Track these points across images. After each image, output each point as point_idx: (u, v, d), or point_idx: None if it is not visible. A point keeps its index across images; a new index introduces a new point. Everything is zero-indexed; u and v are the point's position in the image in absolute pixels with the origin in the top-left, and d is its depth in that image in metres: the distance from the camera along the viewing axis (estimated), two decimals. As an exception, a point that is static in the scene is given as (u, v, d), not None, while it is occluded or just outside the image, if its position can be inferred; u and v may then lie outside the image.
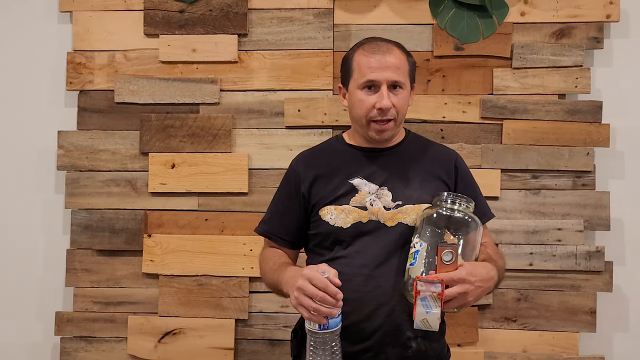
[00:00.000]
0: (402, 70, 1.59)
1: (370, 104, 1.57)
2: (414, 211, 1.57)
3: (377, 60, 1.56)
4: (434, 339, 1.61)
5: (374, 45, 1.60)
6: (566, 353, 2.30)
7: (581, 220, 2.30)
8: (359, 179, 1.62)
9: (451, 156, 1.72)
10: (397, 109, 1.59)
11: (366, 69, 1.57)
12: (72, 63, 2.42)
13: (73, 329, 2.39)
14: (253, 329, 2.36)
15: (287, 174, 1.73)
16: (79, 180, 2.41)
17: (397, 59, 1.58)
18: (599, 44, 2.33)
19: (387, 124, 1.60)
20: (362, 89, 1.58)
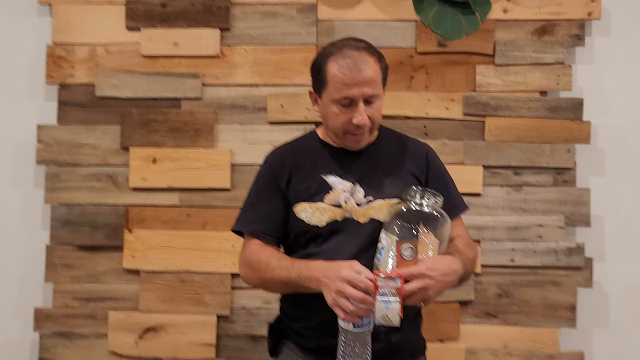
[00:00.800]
0: (376, 82, 1.56)
1: (347, 118, 1.56)
2: (385, 206, 1.57)
3: (353, 76, 1.53)
4: (409, 332, 1.61)
5: (348, 59, 1.54)
6: (547, 348, 2.31)
7: (562, 217, 2.32)
8: (333, 176, 1.61)
9: (422, 150, 1.71)
10: (373, 120, 1.58)
11: (342, 85, 1.54)
12: (52, 56, 2.39)
13: (52, 325, 2.36)
14: (235, 325, 2.35)
15: (264, 171, 1.70)
16: (59, 175, 2.38)
17: (372, 71, 1.55)
18: (580, 42, 2.34)
19: (364, 135, 1.60)
20: (338, 103, 1.56)
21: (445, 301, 2.31)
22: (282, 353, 1.66)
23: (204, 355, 2.33)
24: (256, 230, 1.65)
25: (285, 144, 1.76)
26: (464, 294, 2.30)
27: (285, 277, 1.53)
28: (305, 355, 1.61)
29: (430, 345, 2.27)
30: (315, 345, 1.59)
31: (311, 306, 1.56)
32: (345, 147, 1.65)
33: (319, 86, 1.60)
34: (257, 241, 1.64)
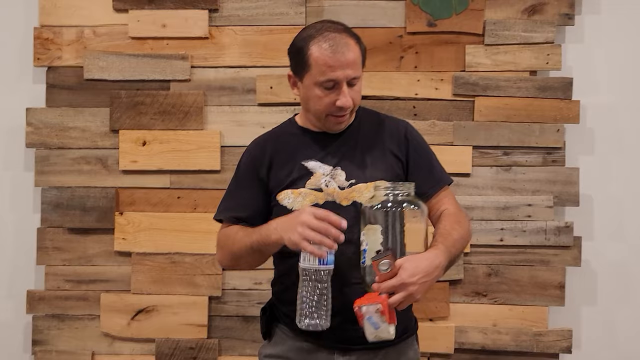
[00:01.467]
0: (357, 64, 1.57)
1: (331, 101, 1.56)
2: (367, 189, 1.58)
3: (336, 58, 1.53)
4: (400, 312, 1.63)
5: (331, 41, 1.54)
6: (535, 327, 2.34)
7: (551, 196, 2.33)
8: (313, 161, 1.62)
9: (401, 128, 1.71)
10: (355, 102, 1.59)
11: (326, 67, 1.53)
12: (40, 39, 2.37)
13: (45, 307, 2.38)
14: (227, 306, 2.37)
15: (244, 160, 1.71)
16: (49, 158, 2.38)
17: (354, 53, 1.55)
18: (570, 21, 2.34)
19: (345, 116, 1.60)
20: (321, 85, 1.56)
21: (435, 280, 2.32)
22: (275, 335, 1.68)
23: (196, 336, 2.35)
24: (234, 217, 1.66)
25: (265, 133, 1.76)
26: (453, 273, 2.32)
27: (250, 241, 1.54)
28: (296, 336, 1.62)
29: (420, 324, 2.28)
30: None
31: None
32: (326, 130, 1.65)
33: (300, 69, 1.59)
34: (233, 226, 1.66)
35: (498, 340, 2.33)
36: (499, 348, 2.33)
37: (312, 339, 1.59)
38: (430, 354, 2.34)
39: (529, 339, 2.32)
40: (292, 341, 1.64)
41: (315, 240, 1.39)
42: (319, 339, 1.58)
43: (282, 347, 1.64)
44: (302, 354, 1.61)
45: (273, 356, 1.66)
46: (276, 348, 1.66)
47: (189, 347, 2.35)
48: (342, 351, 1.59)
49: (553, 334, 2.33)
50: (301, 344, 1.61)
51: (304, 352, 1.61)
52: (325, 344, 1.59)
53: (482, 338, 2.33)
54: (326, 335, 1.55)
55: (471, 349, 2.35)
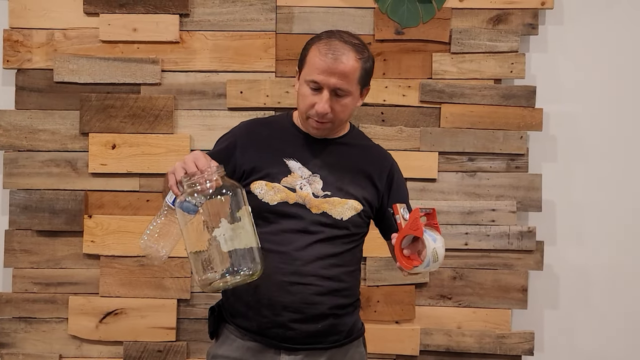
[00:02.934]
0: (350, 78, 1.59)
1: (311, 102, 1.60)
2: (340, 205, 1.63)
3: (326, 63, 1.57)
4: (345, 314, 1.67)
5: (330, 46, 1.59)
6: (499, 329, 2.39)
7: (514, 202, 2.38)
8: (294, 161, 1.65)
9: (388, 161, 1.76)
10: (335, 115, 1.61)
11: (314, 68, 1.58)
12: (9, 41, 2.37)
13: (12, 309, 2.37)
14: (195, 309, 2.38)
15: (228, 136, 1.75)
16: (18, 160, 2.38)
17: (347, 66, 1.57)
18: (534, 30, 2.40)
19: (324, 124, 1.63)
20: (308, 85, 1.61)
21: (401, 284, 2.37)
22: (222, 335, 1.71)
23: (165, 339, 2.37)
24: None
25: (260, 118, 1.83)
26: (419, 276, 2.36)
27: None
28: (242, 336, 1.65)
29: (386, 326, 2.37)
30: (255, 327, 1.63)
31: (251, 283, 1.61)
32: (307, 132, 1.68)
33: (301, 65, 1.66)
34: None
35: (462, 343, 2.38)
36: (463, 350, 2.38)
37: (259, 337, 1.63)
38: (396, 355, 2.38)
39: (492, 341, 2.37)
40: (240, 341, 1.67)
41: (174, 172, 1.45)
42: (266, 338, 1.63)
43: (229, 347, 1.68)
44: (248, 354, 1.64)
45: (220, 356, 1.69)
46: (223, 348, 1.69)
47: (157, 350, 2.36)
48: (288, 351, 1.63)
49: (516, 336, 2.38)
50: (248, 344, 1.65)
51: (251, 352, 1.64)
52: (272, 343, 1.62)
53: (446, 340, 2.38)
54: (273, 334, 1.61)
55: (436, 350, 2.39)
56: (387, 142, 2.31)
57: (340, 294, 1.65)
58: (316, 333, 1.62)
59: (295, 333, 1.61)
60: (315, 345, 1.64)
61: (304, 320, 1.60)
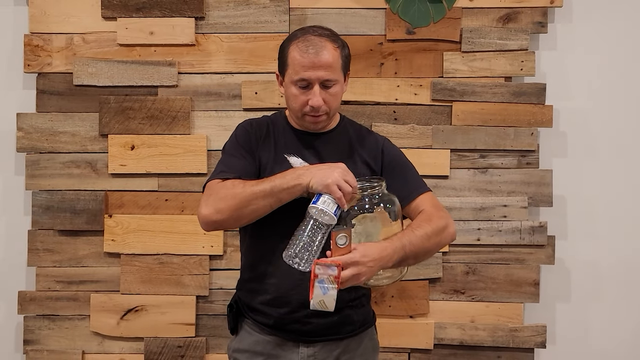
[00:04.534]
0: (334, 67, 1.65)
1: (304, 100, 1.66)
2: None
3: (309, 59, 1.62)
4: (359, 306, 1.73)
5: (308, 42, 1.64)
6: (511, 323, 2.43)
7: (525, 197, 2.42)
8: (295, 157, 1.71)
9: (378, 143, 1.81)
10: (329, 105, 1.68)
11: (299, 67, 1.64)
12: (30, 45, 2.43)
13: (36, 307, 2.44)
14: (214, 305, 2.44)
15: (240, 132, 1.78)
16: (39, 162, 2.44)
17: (330, 57, 1.64)
18: (543, 29, 2.43)
19: (320, 117, 1.69)
20: (295, 85, 1.66)
21: (415, 279, 2.41)
22: (242, 330, 1.77)
23: (184, 334, 2.42)
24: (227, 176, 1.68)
25: (257, 118, 1.85)
26: (432, 271, 2.41)
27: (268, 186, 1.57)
28: (261, 331, 1.71)
29: (400, 321, 2.42)
30: (273, 322, 1.69)
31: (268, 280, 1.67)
32: (305, 129, 1.73)
33: (282, 68, 1.71)
34: None
35: (475, 336, 2.42)
36: (476, 343, 2.42)
37: (278, 332, 1.69)
38: (410, 349, 2.43)
39: (505, 335, 2.41)
40: (259, 335, 1.72)
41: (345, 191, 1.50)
42: (285, 333, 1.69)
43: (249, 341, 1.73)
44: (268, 347, 1.70)
45: (241, 350, 1.74)
46: (243, 342, 1.75)
47: (177, 346, 2.42)
48: (306, 343, 1.69)
49: (528, 329, 2.42)
50: (267, 338, 1.71)
51: (271, 345, 1.70)
52: (290, 337, 1.68)
53: (460, 334, 2.42)
54: (291, 328, 1.66)
55: (450, 344, 2.43)
56: (400, 140, 2.35)
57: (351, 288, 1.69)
58: (333, 324, 1.69)
59: (313, 326, 1.67)
60: (332, 336, 1.70)
61: (320, 315, 1.65)
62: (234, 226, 1.73)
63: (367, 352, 1.79)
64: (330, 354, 1.70)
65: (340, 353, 1.72)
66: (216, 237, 2.40)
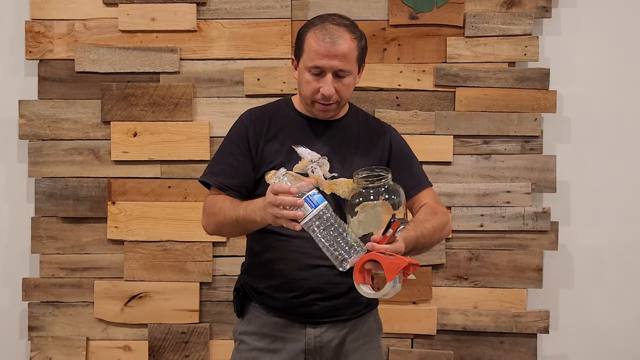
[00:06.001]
0: (349, 58, 1.64)
1: (315, 87, 1.65)
2: (346, 185, 1.67)
3: (326, 47, 1.61)
4: None
5: (326, 31, 1.63)
6: (514, 308, 2.43)
7: (529, 183, 2.42)
8: (303, 147, 1.70)
9: (387, 132, 1.80)
10: (340, 94, 1.67)
11: (315, 54, 1.63)
12: (31, 32, 2.42)
13: (40, 294, 2.44)
14: (217, 292, 2.44)
15: (237, 128, 1.77)
16: (42, 149, 2.44)
17: (346, 47, 1.63)
18: (547, 13, 2.41)
19: (330, 105, 1.68)
20: (309, 71, 1.65)
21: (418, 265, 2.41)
22: (248, 314, 1.77)
23: (188, 320, 2.43)
24: (222, 184, 1.72)
25: (259, 107, 1.83)
26: (435, 258, 2.41)
27: (235, 215, 1.59)
28: (268, 313, 1.72)
29: (404, 307, 2.43)
30: (281, 305, 1.70)
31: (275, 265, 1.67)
32: (314, 116, 1.73)
33: (298, 53, 1.70)
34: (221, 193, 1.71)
35: (478, 322, 2.42)
36: (479, 329, 2.43)
37: (285, 314, 1.70)
38: (413, 335, 2.43)
39: (508, 320, 2.42)
40: (266, 317, 1.73)
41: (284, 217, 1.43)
42: (291, 315, 1.70)
43: (256, 323, 1.74)
44: (275, 329, 1.71)
45: (248, 333, 1.75)
46: (250, 325, 1.75)
47: (181, 332, 2.43)
48: (313, 324, 1.70)
49: (531, 315, 2.42)
50: (274, 320, 1.71)
51: (278, 327, 1.71)
52: (297, 318, 1.70)
53: (463, 319, 2.43)
54: (298, 312, 1.68)
55: (453, 330, 2.44)
56: (403, 126, 2.35)
57: None
58: (339, 306, 1.70)
59: (319, 308, 1.68)
60: (338, 317, 1.72)
61: (327, 298, 1.68)
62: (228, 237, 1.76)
63: (373, 332, 1.81)
64: (337, 334, 1.72)
65: (346, 333, 1.74)
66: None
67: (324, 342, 1.71)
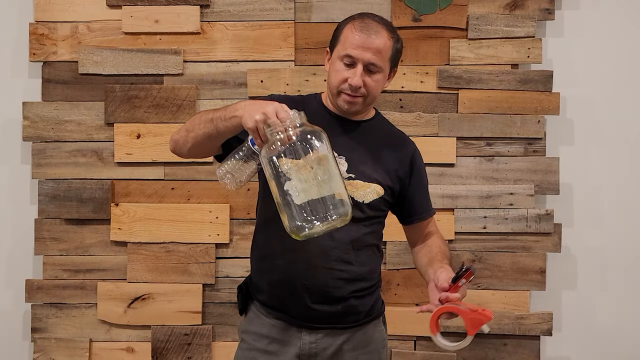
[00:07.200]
0: (383, 55, 1.64)
1: (344, 77, 1.64)
2: (363, 188, 1.67)
3: (362, 39, 1.62)
4: (365, 296, 1.73)
5: (365, 23, 1.64)
6: (517, 310, 2.43)
7: (532, 185, 2.42)
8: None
9: (410, 149, 1.80)
10: (368, 90, 1.65)
11: (349, 44, 1.63)
12: (35, 34, 2.43)
13: (43, 296, 2.45)
14: (220, 293, 2.44)
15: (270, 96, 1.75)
16: (45, 151, 2.44)
17: (381, 43, 1.63)
18: (550, 15, 2.42)
19: (357, 98, 1.66)
20: (341, 60, 1.65)
21: (421, 267, 2.41)
22: (250, 312, 1.78)
23: (191, 322, 2.43)
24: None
25: (291, 95, 1.87)
26: (438, 260, 2.41)
27: (212, 115, 1.56)
28: (267, 314, 1.73)
29: (406, 308, 2.42)
30: (277, 304, 1.70)
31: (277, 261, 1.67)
32: (339, 107, 1.70)
33: (333, 43, 1.70)
34: None
35: (481, 324, 2.42)
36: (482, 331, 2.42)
37: (282, 315, 1.70)
38: (416, 337, 2.43)
39: (511, 322, 2.42)
40: (265, 318, 1.73)
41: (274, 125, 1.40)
42: (288, 316, 1.69)
43: (256, 323, 1.74)
44: (274, 331, 1.71)
45: (249, 332, 1.76)
46: (251, 325, 1.76)
47: (184, 334, 2.43)
48: (310, 329, 1.69)
49: (534, 317, 2.42)
50: (272, 322, 1.71)
51: (276, 330, 1.71)
52: (294, 321, 1.69)
53: (466, 322, 2.42)
54: (294, 313, 1.67)
55: (456, 332, 2.43)
56: (406, 128, 2.34)
57: (361, 278, 1.71)
58: (337, 313, 1.69)
59: (317, 313, 1.67)
60: (336, 324, 1.70)
61: (324, 302, 1.67)
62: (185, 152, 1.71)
63: (374, 343, 1.78)
64: (333, 342, 1.70)
65: (343, 342, 1.72)
66: (222, 226, 2.41)
67: (319, 349, 1.69)
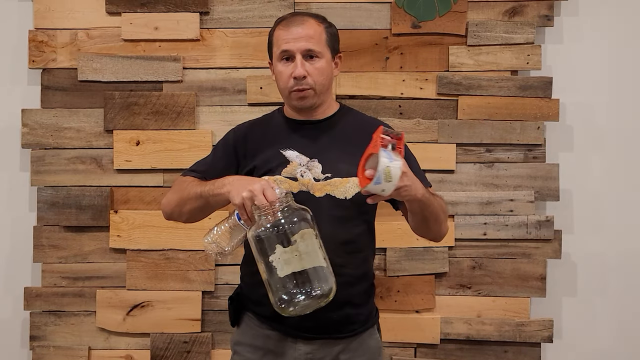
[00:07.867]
0: (316, 40, 1.66)
1: (288, 74, 1.66)
2: (342, 184, 1.66)
3: (290, 32, 1.65)
4: (360, 304, 1.72)
5: (290, 18, 1.69)
6: (518, 317, 2.42)
7: (532, 192, 2.41)
8: (291, 150, 1.69)
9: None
10: (314, 78, 1.66)
11: (281, 41, 1.67)
12: (34, 41, 2.43)
13: (42, 303, 2.43)
14: (219, 301, 2.43)
15: (226, 139, 1.82)
16: (44, 158, 2.44)
17: (310, 29, 1.66)
18: (549, 22, 2.42)
19: (306, 91, 1.67)
20: (280, 60, 1.67)
21: (421, 274, 2.41)
22: (243, 323, 1.77)
23: (190, 330, 2.42)
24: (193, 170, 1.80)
25: (254, 119, 1.87)
26: (438, 266, 2.41)
27: (200, 190, 1.63)
28: (261, 324, 1.71)
29: (407, 315, 2.41)
30: (271, 312, 1.64)
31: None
32: (297, 109, 1.72)
33: (270, 50, 1.74)
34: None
35: (482, 331, 2.41)
36: (483, 338, 2.42)
37: (277, 325, 1.68)
38: (417, 344, 2.42)
39: (511, 329, 2.41)
40: (259, 329, 1.72)
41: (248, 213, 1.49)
42: (283, 326, 1.67)
43: (249, 334, 1.74)
44: (267, 342, 1.70)
45: (242, 343, 1.75)
46: (244, 336, 1.75)
47: (183, 341, 2.42)
48: (305, 340, 1.67)
49: (535, 324, 2.41)
50: (267, 332, 1.70)
51: (270, 340, 1.69)
52: (289, 332, 1.67)
53: (466, 329, 2.42)
54: (289, 322, 1.64)
55: (456, 339, 2.43)
56: (406, 135, 2.32)
57: (354, 283, 1.69)
58: (332, 323, 1.67)
59: (311, 323, 1.64)
60: (332, 334, 1.69)
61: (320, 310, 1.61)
62: (183, 221, 1.80)
63: (371, 352, 1.76)
64: (329, 352, 1.68)
65: (339, 352, 1.70)
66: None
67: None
